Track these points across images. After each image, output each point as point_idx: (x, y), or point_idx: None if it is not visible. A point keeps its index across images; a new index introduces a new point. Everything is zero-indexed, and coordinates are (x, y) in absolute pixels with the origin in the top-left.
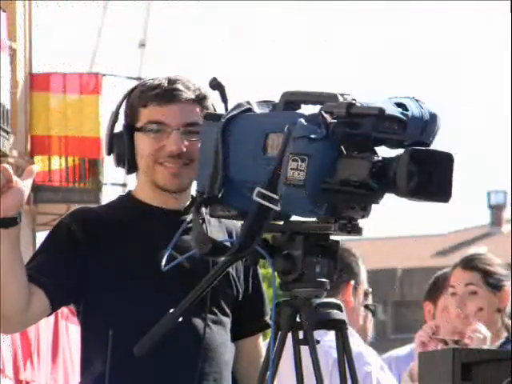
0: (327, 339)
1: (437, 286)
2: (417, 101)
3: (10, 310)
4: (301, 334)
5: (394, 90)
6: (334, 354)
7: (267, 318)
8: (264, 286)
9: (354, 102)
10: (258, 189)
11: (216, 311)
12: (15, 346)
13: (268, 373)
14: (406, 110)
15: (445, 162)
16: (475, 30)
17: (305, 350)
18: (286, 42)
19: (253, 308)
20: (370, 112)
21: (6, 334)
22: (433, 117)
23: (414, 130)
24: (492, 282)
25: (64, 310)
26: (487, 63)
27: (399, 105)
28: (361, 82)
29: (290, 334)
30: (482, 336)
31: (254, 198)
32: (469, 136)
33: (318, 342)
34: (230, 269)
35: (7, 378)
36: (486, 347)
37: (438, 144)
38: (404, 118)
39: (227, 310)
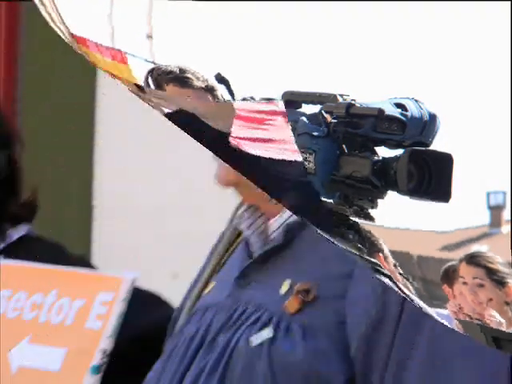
0: None
1: (448, 275)
2: (416, 101)
3: None
4: None
5: (393, 90)
6: None
7: None
8: None
9: (353, 102)
10: None
11: None
12: None
13: None
14: (406, 110)
15: (444, 162)
16: (475, 28)
17: None
18: (287, 42)
19: None
20: (370, 113)
21: None
22: (432, 117)
23: (413, 130)
24: (496, 279)
25: None
26: (487, 63)
27: (399, 105)
28: (361, 82)
29: None
30: (498, 320)
31: None
32: (469, 136)
33: None
34: None
35: None
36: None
37: (438, 144)
38: (404, 118)
39: None
